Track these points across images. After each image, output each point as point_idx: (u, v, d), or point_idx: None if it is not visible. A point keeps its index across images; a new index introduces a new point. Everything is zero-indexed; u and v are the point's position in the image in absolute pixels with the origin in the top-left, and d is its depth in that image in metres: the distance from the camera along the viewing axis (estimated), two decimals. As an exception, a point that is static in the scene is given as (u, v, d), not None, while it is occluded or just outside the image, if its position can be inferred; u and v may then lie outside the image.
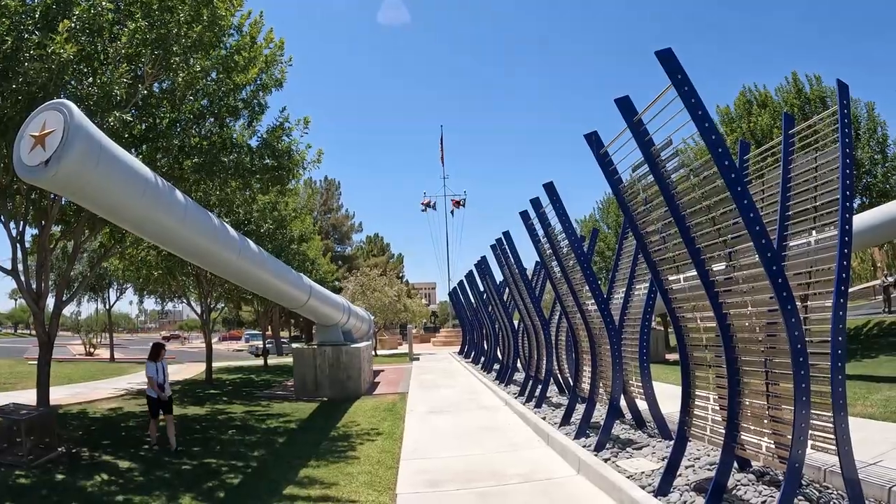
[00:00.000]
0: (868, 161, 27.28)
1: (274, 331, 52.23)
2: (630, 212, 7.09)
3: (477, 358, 28.42)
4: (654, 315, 9.75)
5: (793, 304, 5.16)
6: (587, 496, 7.38)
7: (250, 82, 12.29)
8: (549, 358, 14.18)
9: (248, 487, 8.24)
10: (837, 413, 5.45)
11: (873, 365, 18.47)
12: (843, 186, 5.70)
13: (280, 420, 14.13)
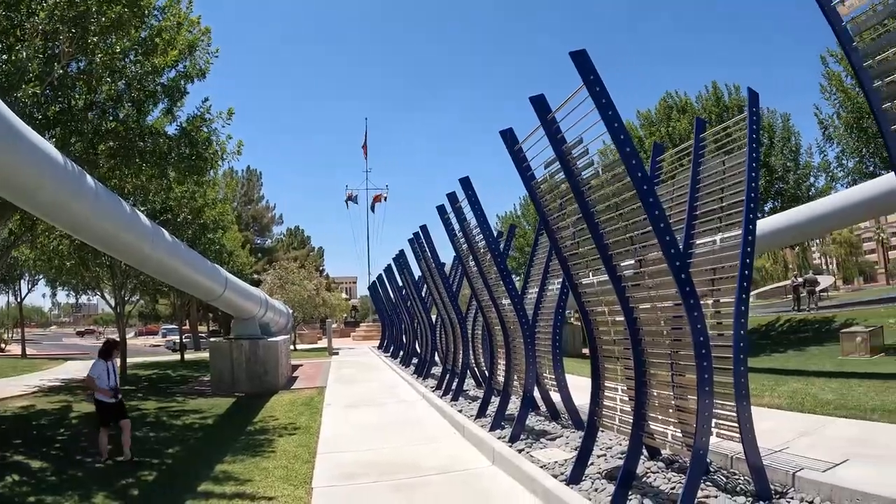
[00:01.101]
0: (781, 168, 28.60)
1: (192, 325, 50.93)
2: (542, 208, 7.23)
3: (396, 352, 28.46)
4: (570, 311, 9.93)
5: (696, 300, 5.38)
6: (501, 486, 7.50)
7: (170, 65, 11.93)
8: (465, 352, 14.35)
9: (163, 485, 8.10)
10: (740, 403, 5.77)
11: (782, 359, 19.30)
12: (749, 189, 5.98)
13: (196, 416, 13.87)
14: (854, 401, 10.15)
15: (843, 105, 23.49)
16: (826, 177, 28.67)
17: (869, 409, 9.39)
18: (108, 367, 9.62)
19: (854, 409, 9.48)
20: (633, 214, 5.62)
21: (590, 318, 7.08)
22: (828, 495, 5.85)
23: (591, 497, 6.42)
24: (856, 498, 5.58)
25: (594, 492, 6.58)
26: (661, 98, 31.70)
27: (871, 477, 5.91)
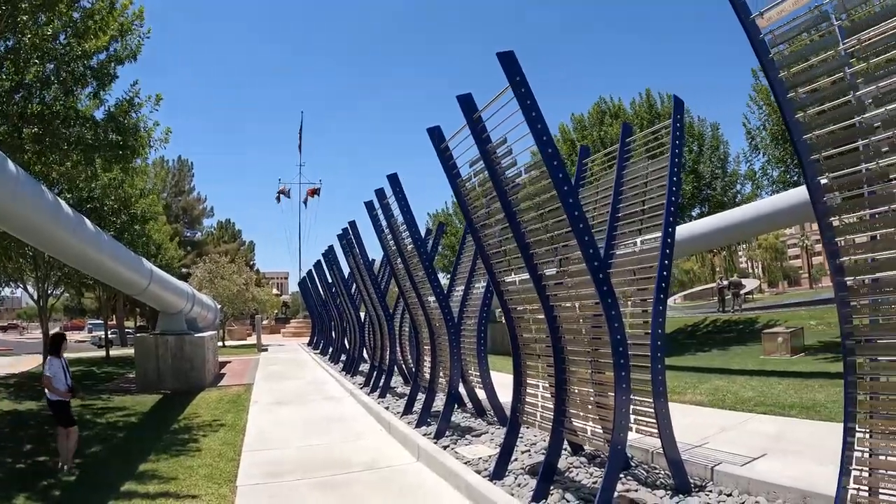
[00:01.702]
0: (709, 174, 29.37)
1: (118, 320, 49.42)
2: (467, 207, 7.23)
3: (325, 349, 28.18)
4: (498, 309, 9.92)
5: (614, 300, 5.48)
6: (425, 482, 7.51)
7: (101, 49, 11.48)
8: (392, 349, 14.32)
9: (86, 485, 7.82)
10: (658, 399, 5.98)
11: (706, 358, 19.74)
12: (670, 193, 6.20)
13: (120, 414, 13.45)
14: (773, 398, 10.45)
15: (770, 117, 24.13)
16: (752, 185, 29.60)
17: (787, 406, 9.67)
18: (63, 365, 8.84)
19: (773, 406, 9.76)
20: (554, 215, 5.68)
21: (512, 315, 7.14)
22: (745, 488, 6.01)
23: (513, 492, 6.45)
24: (772, 490, 5.76)
25: (517, 487, 6.62)
26: (595, 103, 32.14)
27: (786, 470, 6.13)
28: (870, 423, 4.08)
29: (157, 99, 12.34)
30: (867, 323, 4.09)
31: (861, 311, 4.11)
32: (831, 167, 4.02)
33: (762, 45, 4.00)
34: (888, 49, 3.69)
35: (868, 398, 4.10)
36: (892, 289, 3.98)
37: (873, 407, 4.08)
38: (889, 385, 4.04)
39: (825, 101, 4.03)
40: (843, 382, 4.14)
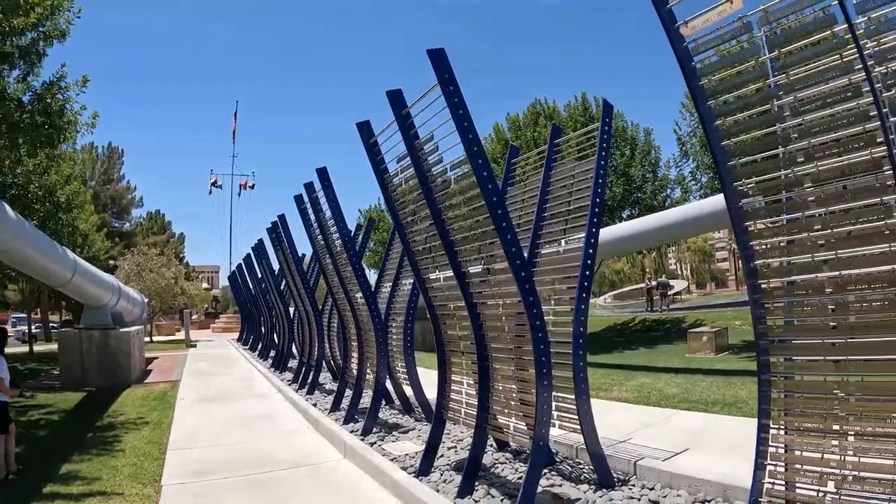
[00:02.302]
0: (640, 178, 30.01)
1: (43, 313, 47.70)
2: (393, 203, 7.20)
3: (255, 345, 27.73)
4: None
5: (535, 298, 5.51)
6: (352, 479, 7.44)
7: (30, 27, 11.00)
8: (321, 346, 14.19)
9: (6, 486, 7.50)
10: (580, 396, 6.08)
11: (633, 356, 20.17)
12: (595, 194, 6.31)
13: (42, 412, 12.98)
14: (697, 395, 10.67)
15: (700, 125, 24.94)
16: (681, 189, 30.40)
17: (710, 402, 9.88)
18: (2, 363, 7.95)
19: (697, 403, 9.96)
20: (478, 213, 5.69)
21: (437, 313, 7.15)
22: (667, 482, 6.13)
23: (439, 488, 6.45)
24: (693, 484, 5.87)
25: (443, 483, 6.63)
26: (531, 104, 32.46)
27: (707, 464, 6.23)
28: (785, 419, 4.21)
29: (84, 81, 11.89)
30: (781, 324, 4.21)
31: (774, 313, 4.23)
32: (747, 173, 4.14)
33: (685, 52, 4.07)
34: (806, 61, 3.83)
35: (783, 396, 4.23)
36: (806, 291, 4.10)
37: (788, 404, 4.21)
38: (803, 383, 4.18)
39: (744, 110, 4.16)
40: (758, 381, 4.27)
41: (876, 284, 3.80)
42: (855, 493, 3.85)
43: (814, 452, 4.05)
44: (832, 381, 4.01)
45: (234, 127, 67.83)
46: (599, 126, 6.52)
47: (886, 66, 3.54)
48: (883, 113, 3.48)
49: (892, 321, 3.75)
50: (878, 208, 3.67)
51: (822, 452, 4.02)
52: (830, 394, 4.01)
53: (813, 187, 3.93)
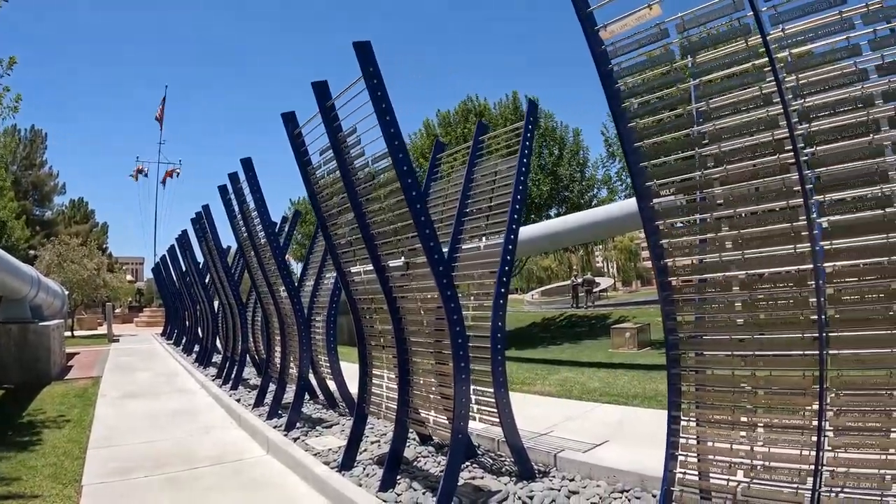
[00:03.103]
0: (568, 178, 30.54)
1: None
2: (316, 195, 7.15)
3: (179, 339, 27.11)
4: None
5: (453, 293, 5.55)
6: (274, 475, 7.41)
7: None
8: (244, 340, 14.00)
9: None
10: (498, 390, 6.19)
11: (557, 351, 20.55)
12: (516, 191, 6.42)
13: (-43, 411, 12.41)
14: (618, 388, 10.94)
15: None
16: (608, 189, 31.07)
17: (631, 395, 10.14)
18: None
19: (617, 396, 10.21)
20: (399, 207, 5.69)
21: (358, 306, 7.15)
22: (587, 473, 6.26)
23: (361, 482, 6.48)
24: (612, 475, 6.02)
25: (366, 477, 6.66)
26: (462, 101, 32.70)
27: (626, 456, 6.39)
28: (696, 412, 4.37)
29: (11, 63, 11.45)
30: (691, 320, 4.36)
31: (684, 310, 4.37)
32: (659, 174, 4.27)
33: (602, 56, 4.16)
34: (720, 68, 3.98)
35: (694, 389, 4.38)
36: (715, 289, 4.27)
37: (699, 398, 4.36)
38: (713, 378, 4.33)
39: (657, 113, 4.29)
40: (667, 375, 4.43)
41: (782, 284, 3.98)
42: (764, 481, 4.03)
43: (724, 443, 4.22)
44: (740, 375, 4.17)
45: (161, 112, 65.87)
46: (524, 124, 6.64)
47: (797, 77, 3.71)
48: (792, 123, 3.66)
49: (797, 319, 3.94)
50: (785, 211, 3.84)
51: (731, 443, 4.18)
52: (738, 387, 4.18)
53: (722, 189, 4.08)
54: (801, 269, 3.85)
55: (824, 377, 3.77)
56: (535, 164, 30.19)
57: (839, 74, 3.60)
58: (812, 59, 3.70)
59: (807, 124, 3.71)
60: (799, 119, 3.70)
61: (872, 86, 3.52)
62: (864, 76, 3.53)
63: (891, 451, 3.64)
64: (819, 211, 3.71)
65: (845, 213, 3.68)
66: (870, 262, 3.70)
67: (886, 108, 3.49)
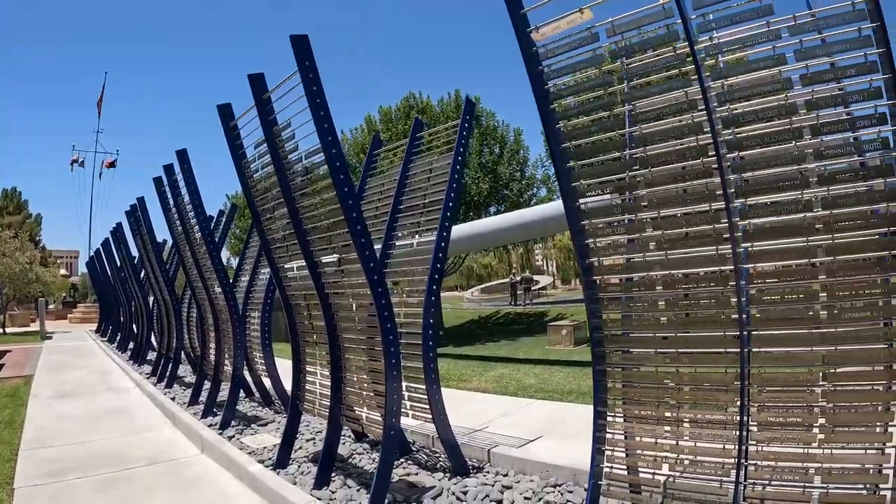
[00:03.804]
0: (507, 177, 30.81)
1: None
2: (249, 190, 7.07)
3: (114, 336, 26.47)
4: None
5: (384, 288, 5.58)
6: (209, 474, 7.32)
7: None
8: (179, 337, 13.75)
9: None
10: (430, 386, 6.25)
11: (494, 347, 20.73)
12: (450, 189, 6.47)
13: None
14: (553, 385, 11.09)
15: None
16: (547, 189, 31.43)
17: (566, 391, 10.29)
18: None
19: (552, 392, 10.35)
20: (331, 202, 5.65)
21: (291, 302, 7.12)
22: (521, 468, 6.34)
23: (296, 480, 6.46)
24: (545, 469, 6.12)
25: (300, 475, 6.64)
26: (404, 98, 32.70)
27: (559, 451, 6.48)
28: (623, 408, 4.48)
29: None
30: (617, 318, 4.48)
31: (609, 308, 4.49)
32: (585, 174, 4.37)
33: (533, 57, 4.23)
34: (648, 73, 4.11)
35: (621, 386, 4.50)
36: (639, 288, 4.39)
37: (626, 394, 4.48)
38: (640, 374, 4.46)
39: (585, 115, 4.41)
40: (593, 371, 4.52)
41: (704, 284, 4.13)
42: (690, 475, 4.18)
43: (650, 438, 4.34)
44: (665, 372, 4.31)
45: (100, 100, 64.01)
46: (460, 122, 6.68)
47: (722, 84, 3.83)
48: (716, 129, 3.78)
49: (719, 318, 4.08)
50: (708, 214, 3.97)
51: (656, 438, 4.31)
52: (662, 384, 4.32)
53: (647, 191, 4.20)
54: (724, 269, 3.99)
55: (746, 374, 3.91)
56: (476, 163, 30.42)
57: (764, 83, 3.73)
58: (738, 67, 3.83)
59: (731, 130, 3.84)
60: (724, 125, 3.83)
61: (796, 95, 3.67)
62: (789, 85, 3.66)
63: (813, 444, 3.79)
64: (741, 214, 3.85)
65: (767, 217, 3.83)
66: (790, 264, 3.86)
67: (809, 116, 3.64)
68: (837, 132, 3.59)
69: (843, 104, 3.56)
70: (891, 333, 3.60)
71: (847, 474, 3.73)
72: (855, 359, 3.71)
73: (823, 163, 3.64)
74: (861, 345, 3.69)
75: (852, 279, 3.68)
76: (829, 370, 3.77)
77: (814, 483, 3.80)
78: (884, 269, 3.59)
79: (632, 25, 3.90)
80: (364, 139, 31.48)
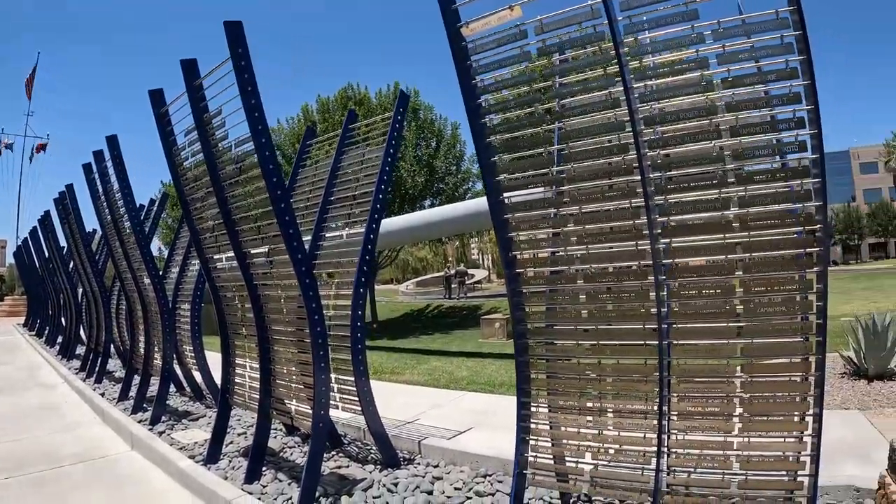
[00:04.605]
0: (444, 170, 30.91)
1: None
2: (179, 179, 6.91)
3: (42, 330, 25.71)
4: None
5: (311, 279, 5.55)
6: (139, 471, 7.21)
7: None
8: (108, 331, 13.42)
9: None
10: (359, 378, 6.30)
11: (428, 340, 20.84)
12: (380, 181, 6.52)
13: None
14: (485, 377, 11.21)
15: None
16: (482, 183, 31.68)
17: (497, 384, 10.40)
18: None
19: (484, 385, 10.46)
20: (260, 193, 5.60)
21: (220, 294, 7.06)
22: (451, 459, 6.43)
23: (227, 475, 6.41)
24: (475, 460, 6.21)
25: (231, 469, 6.60)
26: (342, 89, 32.44)
27: (488, 442, 6.56)
28: (548, 398, 4.59)
29: None
30: (539, 310, 4.59)
31: (532, 300, 4.59)
32: (508, 169, 4.47)
33: (462, 52, 4.28)
34: (574, 71, 4.23)
35: (545, 377, 4.61)
36: (561, 281, 4.48)
37: (550, 385, 4.60)
38: (563, 365, 4.59)
39: (510, 110, 4.50)
40: (516, 363, 4.62)
41: (624, 278, 4.25)
42: (613, 463, 4.33)
43: (574, 428, 4.46)
44: (587, 363, 4.44)
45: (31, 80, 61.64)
46: (393, 114, 6.70)
47: (644, 84, 3.95)
48: (638, 131, 3.89)
49: (639, 311, 4.21)
50: (628, 210, 4.09)
51: (579, 428, 4.43)
52: (584, 375, 4.45)
53: (569, 187, 4.31)
54: (643, 264, 4.12)
55: (665, 366, 4.05)
56: (412, 156, 30.46)
57: (686, 84, 3.86)
58: (661, 69, 3.95)
59: (653, 128, 3.97)
60: (646, 124, 3.94)
61: (717, 96, 3.80)
62: (710, 87, 3.80)
63: (732, 433, 3.96)
64: (661, 211, 3.98)
65: (686, 214, 3.98)
66: (709, 260, 4.01)
67: (728, 117, 3.78)
68: (756, 134, 3.74)
69: (766, 107, 3.71)
70: (807, 327, 3.77)
71: (766, 461, 3.91)
72: (772, 351, 3.89)
73: (742, 163, 3.79)
74: (778, 338, 3.86)
75: (769, 275, 3.84)
76: (746, 362, 3.94)
77: (733, 470, 3.97)
78: (800, 266, 3.76)
79: (560, 24, 3.97)
80: (301, 129, 31.14)
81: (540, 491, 5.24)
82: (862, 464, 5.25)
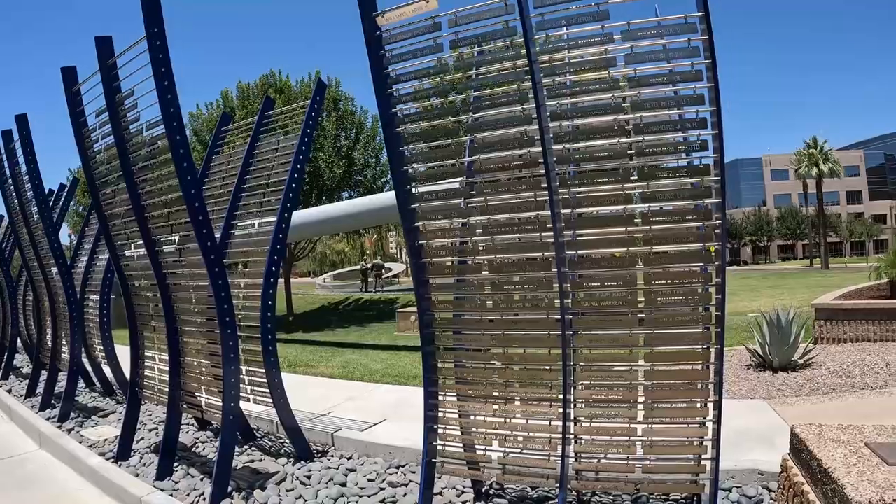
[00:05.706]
0: (362, 162, 30.85)
1: None
2: (88, 162, 6.64)
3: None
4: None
5: (221, 268, 5.49)
6: (48, 470, 7.02)
7: None
8: (15, 324, 12.88)
9: None
10: (270, 370, 6.24)
11: (343, 333, 20.81)
12: (293, 170, 6.45)
13: None
14: (400, 369, 11.24)
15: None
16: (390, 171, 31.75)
17: (411, 376, 10.44)
18: None
19: (398, 377, 10.50)
20: (171, 177, 5.44)
21: (128, 283, 6.88)
22: (365, 451, 6.48)
23: (139, 472, 6.31)
24: (389, 451, 6.28)
25: (143, 466, 6.49)
26: (263, 75, 31.94)
27: (401, 433, 6.61)
28: (457, 388, 4.70)
29: None
30: (445, 300, 4.67)
31: (438, 291, 4.66)
32: (417, 158, 4.54)
33: (376, 40, 4.29)
34: (485, 65, 4.35)
35: (453, 366, 4.72)
36: (470, 272, 4.56)
37: (458, 374, 4.71)
38: (470, 355, 4.72)
39: (421, 101, 4.56)
40: (422, 353, 4.70)
41: (529, 269, 4.37)
42: (520, 450, 4.47)
43: (481, 416, 4.57)
44: (493, 352, 4.56)
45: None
46: (309, 102, 6.63)
47: (553, 79, 4.05)
48: (545, 125, 3.97)
49: (543, 302, 4.35)
50: (532, 202, 4.19)
51: (486, 416, 4.54)
52: (490, 364, 4.56)
53: (476, 178, 4.40)
54: (547, 255, 4.23)
55: (568, 355, 4.17)
56: (331, 147, 30.18)
57: (594, 82, 3.99)
58: (570, 65, 4.06)
59: (559, 123, 4.08)
60: (552, 118, 4.05)
61: (623, 94, 3.94)
62: (616, 85, 3.93)
63: (636, 420, 4.13)
64: (565, 203, 4.09)
65: (589, 207, 4.13)
66: (611, 252, 4.16)
67: (633, 116, 3.93)
68: (660, 132, 3.91)
69: (671, 108, 3.89)
70: (706, 318, 3.96)
71: (670, 446, 4.10)
72: (673, 340, 4.07)
73: (645, 160, 3.93)
74: (678, 328, 4.04)
75: (670, 268, 4.01)
76: (648, 351, 4.10)
77: (637, 454, 4.14)
78: (700, 260, 3.94)
79: (473, 18, 4.03)
80: (219, 114, 30.52)
81: (453, 480, 5.33)
82: (767, 449, 5.47)
